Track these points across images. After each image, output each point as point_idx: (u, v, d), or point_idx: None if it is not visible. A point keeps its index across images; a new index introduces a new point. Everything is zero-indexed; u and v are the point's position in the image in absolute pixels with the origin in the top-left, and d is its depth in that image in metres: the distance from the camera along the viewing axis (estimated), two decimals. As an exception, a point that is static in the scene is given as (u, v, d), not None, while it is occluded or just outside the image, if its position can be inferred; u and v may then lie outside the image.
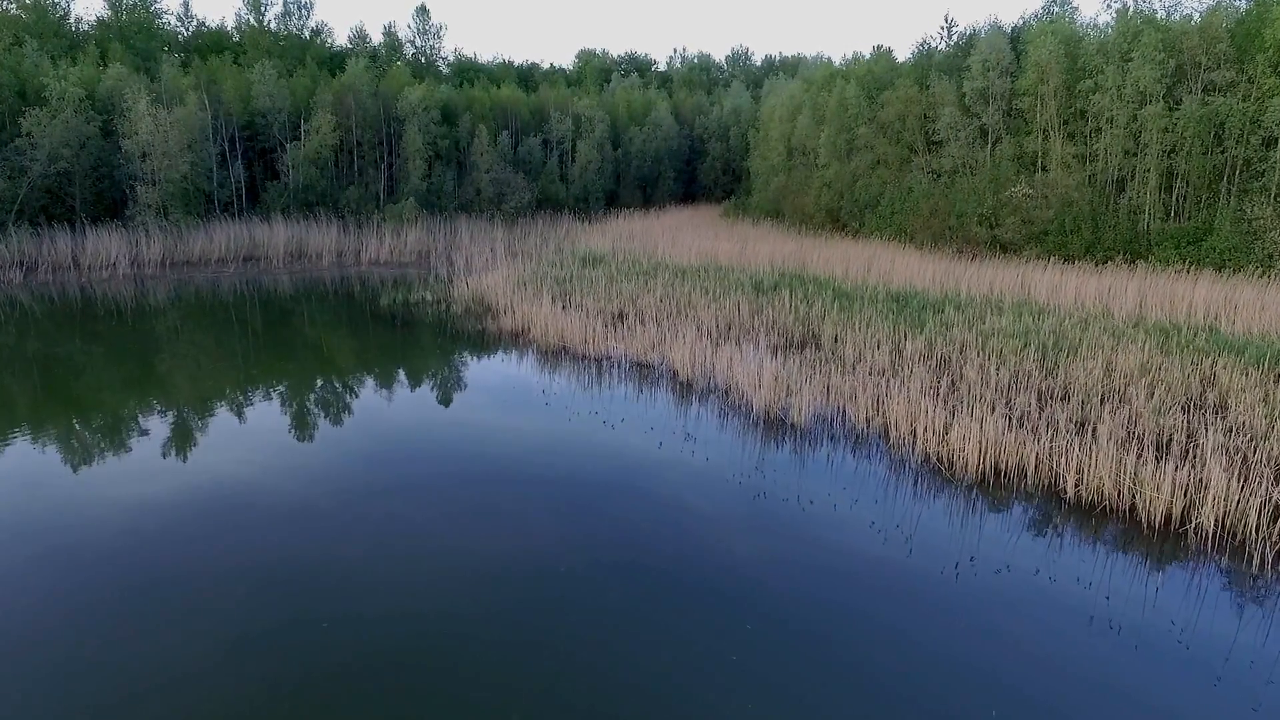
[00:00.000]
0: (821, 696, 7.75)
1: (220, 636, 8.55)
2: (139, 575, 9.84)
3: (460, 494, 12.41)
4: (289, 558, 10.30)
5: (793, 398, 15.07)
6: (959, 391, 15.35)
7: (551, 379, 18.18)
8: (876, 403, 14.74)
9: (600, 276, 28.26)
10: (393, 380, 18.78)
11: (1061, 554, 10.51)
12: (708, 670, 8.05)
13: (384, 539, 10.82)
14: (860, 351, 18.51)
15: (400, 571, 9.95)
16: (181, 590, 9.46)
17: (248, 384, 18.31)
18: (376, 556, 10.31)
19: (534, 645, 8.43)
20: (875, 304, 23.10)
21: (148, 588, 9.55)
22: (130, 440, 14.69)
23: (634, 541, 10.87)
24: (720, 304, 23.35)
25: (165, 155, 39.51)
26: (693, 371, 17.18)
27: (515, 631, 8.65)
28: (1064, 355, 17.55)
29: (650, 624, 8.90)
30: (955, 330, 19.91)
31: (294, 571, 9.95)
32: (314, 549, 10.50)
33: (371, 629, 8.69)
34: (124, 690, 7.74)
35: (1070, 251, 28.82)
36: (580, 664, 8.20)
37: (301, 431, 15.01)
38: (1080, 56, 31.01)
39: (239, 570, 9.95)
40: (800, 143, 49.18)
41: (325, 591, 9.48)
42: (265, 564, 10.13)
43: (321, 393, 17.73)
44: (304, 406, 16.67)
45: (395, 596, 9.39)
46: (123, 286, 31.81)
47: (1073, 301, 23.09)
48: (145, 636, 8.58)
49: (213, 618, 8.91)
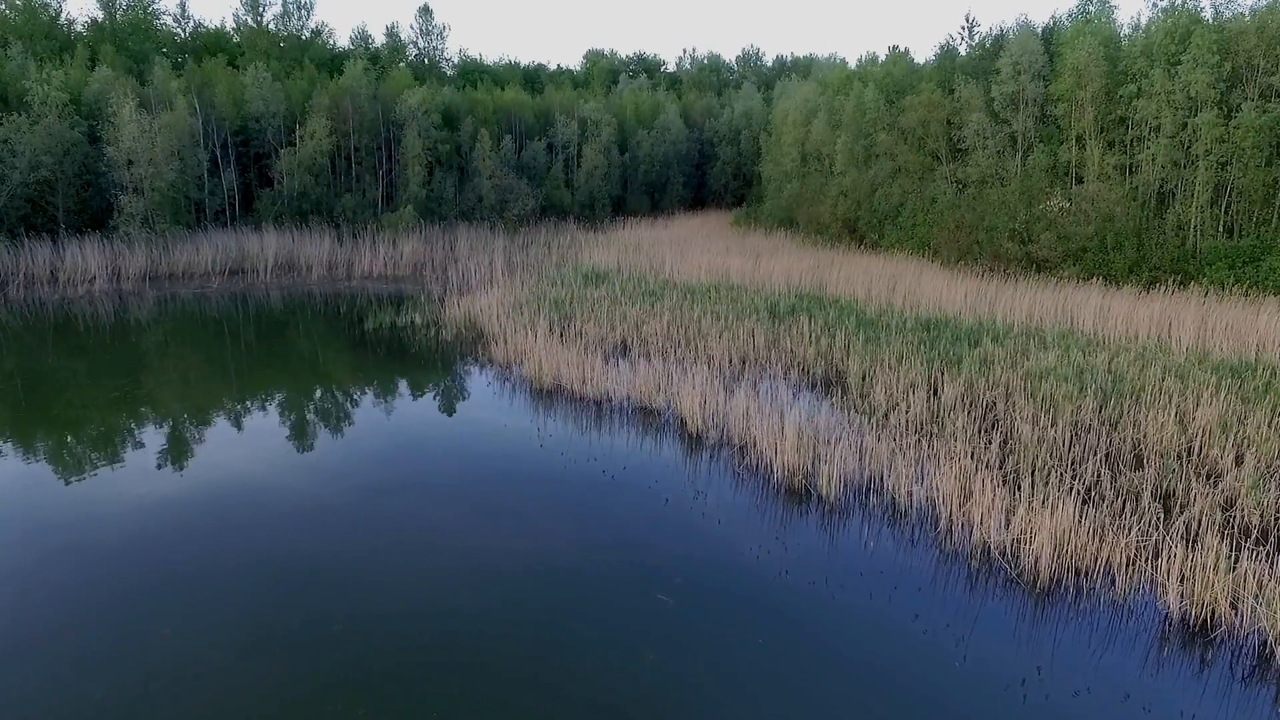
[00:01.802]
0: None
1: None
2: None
3: (430, 562, 10.76)
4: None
5: (820, 461, 12.99)
6: (1014, 455, 13.23)
7: (544, 422, 16.17)
8: (919, 470, 12.63)
9: (603, 298, 26.23)
10: (365, 423, 16.76)
11: (1160, 678, 8.50)
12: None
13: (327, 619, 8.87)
14: (893, 396, 16.40)
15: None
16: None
17: (182, 438, 16.34)
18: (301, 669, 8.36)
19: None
20: (904, 333, 20.99)
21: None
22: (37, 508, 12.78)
23: (638, 610, 9.67)
24: (733, 332, 21.29)
25: (151, 163, 37.75)
26: (703, 422, 15.12)
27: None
28: (1126, 401, 15.42)
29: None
30: (997, 367, 17.78)
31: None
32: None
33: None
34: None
35: (1112, 271, 26.58)
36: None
37: (264, 479, 13.04)
38: (1121, 59, 28.76)
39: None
40: (815, 148, 47.02)
41: None
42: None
43: (279, 436, 15.73)
44: (257, 452, 14.69)
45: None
46: (97, 303, 29.98)
47: (1123, 332, 20.89)
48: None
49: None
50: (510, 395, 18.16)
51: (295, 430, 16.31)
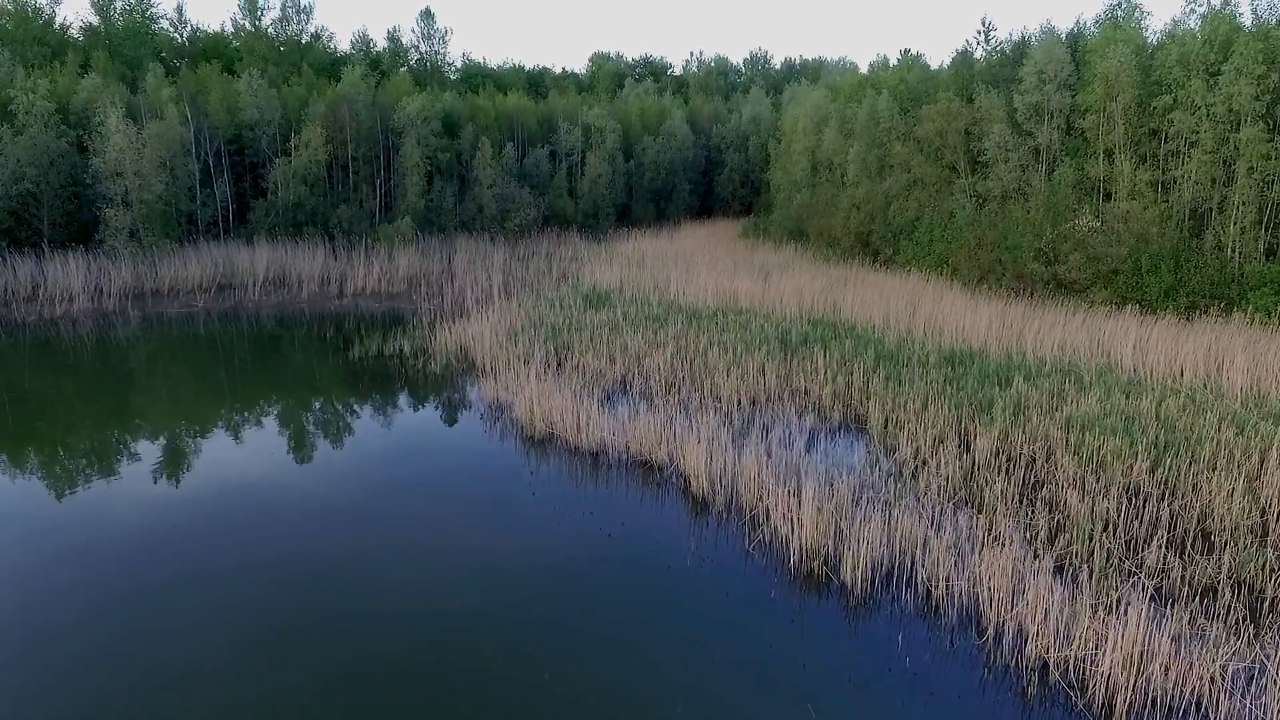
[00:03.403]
0: None
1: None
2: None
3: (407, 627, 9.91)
4: None
5: (842, 541, 11.42)
6: (1064, 533, 11.63)
7: (537, 468, 14.65)
8: (956, 552, 11.04)
9: (604, 323, 24.69)
10: (337, 471, 15.25)
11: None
12: None
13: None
14: (920, 449, 14.81)
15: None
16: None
17: (131, 476, 14.88)
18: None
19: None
20: (926, 369, 19.39)
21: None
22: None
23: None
24: (742, 367, 19.72)
25: (138, 174, 36.42)
26: (709, 483, 13.56)
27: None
28: (1181, 458, 13.80)
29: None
30: (1032, 413, 16.19)
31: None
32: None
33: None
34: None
35: (1146, 296, 24.88)
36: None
37: (229, 536, 11.58)
38: (1155, 68, 27.04)
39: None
40: (826, 157, 45.38)
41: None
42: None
43: (240, 492, 14.25)
44: (209, 500, 13.22)
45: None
46: (75, 323, 28.59)
47: (1167, 368, 19.23)
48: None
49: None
50: (500, 440, 16.64)
51: (261, 478, 14.81)
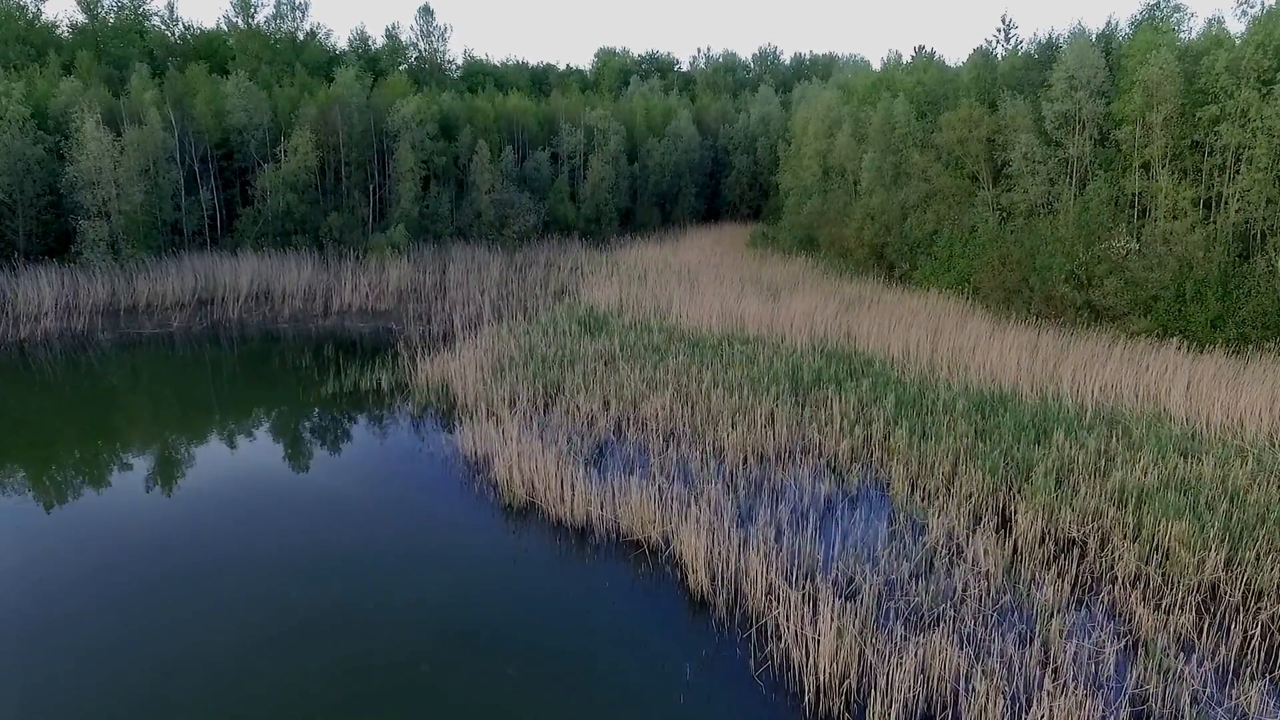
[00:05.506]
0: None
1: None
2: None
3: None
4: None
5: (867, 675, 9.49)
6: (1138, 660, 9.69)
7: (508, 559, 12.79)
8: (1007, 696, 9.10)
9: (599, 354, 22.78)
10: (280, 541, 13.41)
11: None
12: None
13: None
14: (955, 535, 12.87)
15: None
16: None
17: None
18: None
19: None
20: (953, 417, 17.42)
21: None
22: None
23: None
24: (750, 415, 17.78)
25: (115, 183, 34.67)
26: (710, 579, 11.65)
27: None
28: (1260, 545, 11.86)
29: None
30: (1078, 479, 14.25)
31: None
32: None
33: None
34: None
35: (1191, 326, 22.81)
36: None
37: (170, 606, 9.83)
38: (1200, 75, 24.87)
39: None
40: (838, 162, 43.22)
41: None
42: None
43: (156, 553, 12.45)
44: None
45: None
46: (41, 345, 26.84)
47: (1224, 418, 17.20)
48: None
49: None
50: (475, 508, 14.77)
51: (209, 549, 13.00)
